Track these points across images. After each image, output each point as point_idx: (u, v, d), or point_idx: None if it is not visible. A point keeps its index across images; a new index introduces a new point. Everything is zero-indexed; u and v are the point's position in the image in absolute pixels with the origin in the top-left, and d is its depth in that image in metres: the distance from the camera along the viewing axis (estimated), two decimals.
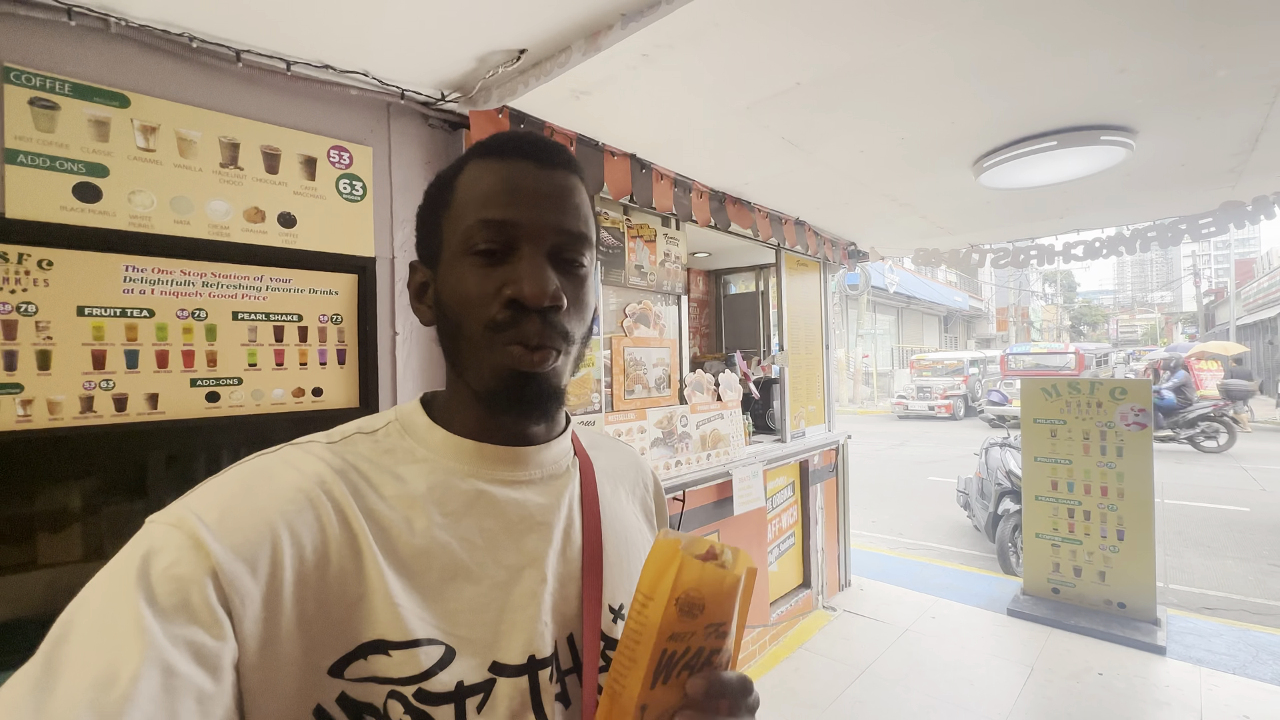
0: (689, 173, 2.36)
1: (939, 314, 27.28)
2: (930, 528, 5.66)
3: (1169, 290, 61.54)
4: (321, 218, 1.51)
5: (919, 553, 4.90)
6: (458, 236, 0.47)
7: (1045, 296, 44.64)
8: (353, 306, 1.57)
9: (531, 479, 0.51)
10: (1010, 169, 2.20)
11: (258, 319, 1.42)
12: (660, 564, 0.41)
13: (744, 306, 4.40)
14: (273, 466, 0.44)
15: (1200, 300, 32.24)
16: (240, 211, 1.38)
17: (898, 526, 5.72)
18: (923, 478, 7.89)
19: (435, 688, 0.41)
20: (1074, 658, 2.98)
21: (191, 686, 0.33)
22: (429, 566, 0.44)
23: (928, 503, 6.58)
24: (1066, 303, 54.21)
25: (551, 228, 0.47)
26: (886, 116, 1.87)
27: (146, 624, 0.33)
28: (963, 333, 30.62)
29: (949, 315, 28.21)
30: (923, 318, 25.99)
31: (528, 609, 0.46)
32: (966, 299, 28.34)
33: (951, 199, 2.80)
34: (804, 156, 2.18)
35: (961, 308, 27.75)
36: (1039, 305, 42.47)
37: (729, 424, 2.87)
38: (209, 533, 0.37)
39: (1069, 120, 1.93)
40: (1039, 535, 3.62)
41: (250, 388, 1.40)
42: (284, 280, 1.45)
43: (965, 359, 15.42)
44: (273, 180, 1.43)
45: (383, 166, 1.63)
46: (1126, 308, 66.03)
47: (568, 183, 0.49)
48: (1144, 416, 3.30)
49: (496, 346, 0.46)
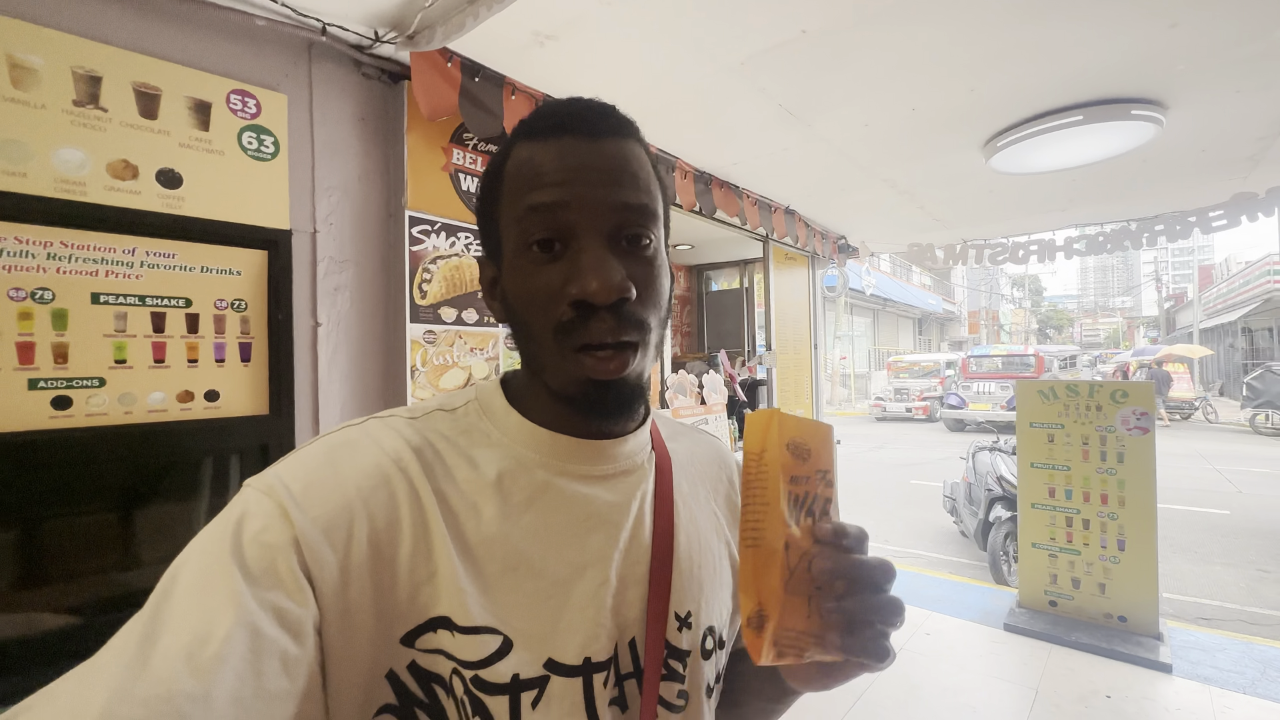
0: (672, 149, 2.10)
1: (914, 316, 27.56)
2: (916, 534, 5.50)
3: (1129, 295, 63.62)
4: (218, 178, 1.21)
5: (908, 561, 4.72)
6: (513, 229, 0.45)
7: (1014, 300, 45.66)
8: (261, 290, 1.27)
9: (604, 474, 0.49)
10: (1026, 149, 1.99)
11: (128, 303, 1.11)
12: (761, 426, 0.41)
13: (727, 304, 4.17)
14: (356, 440, 0.44)
15: (1161, 305, 33.27)
16: (102, 164, 1.08)
17: (883, 533, 5.54)
18: (905, 481, 7.76)
19: (491, 677, 0.41)
20: (1079, 678, 2.79)
21: (276, 648, 0.34)
22: (491, 556, 0.44)
23: (911, 507, 6.43)
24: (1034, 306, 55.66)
25: (609, 205, 0.43)
26: (899, 80, 1.63)
27: (238, 588, 0.35)
28: (936, 335, 31.02)
29: (923, 318, 28.54)
30: (898, 320, 26.20)
31: (586, 610, 0.45)
32: (940, 302, 28.70)
33: (954, 186, 2.59)
34: (802, 130, 1.94)
35: (935, 310, 28.08)
36: (1008, 309, 43.41)
37: (714, 429, 2.62)
38: (294, 503, 0.38)
39: (1099, 91, 1.72)
40: (1035, 545, 3.45)
41: (117, 391, 1.10)
42: (165, 255, 1.15)
43: (941, 361, 15.49)
44: (149, 127, 1.13)
45: (301, 120, 1.33)
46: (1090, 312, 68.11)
47: (623, 150, 0.45)
48: (1146, 420, 3.14)
49: (567, 354, 0.44)
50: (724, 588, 0.56)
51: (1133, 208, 2.99)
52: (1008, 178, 2.45)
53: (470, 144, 1.61)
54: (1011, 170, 2.23)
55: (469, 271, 1.58)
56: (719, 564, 0.55)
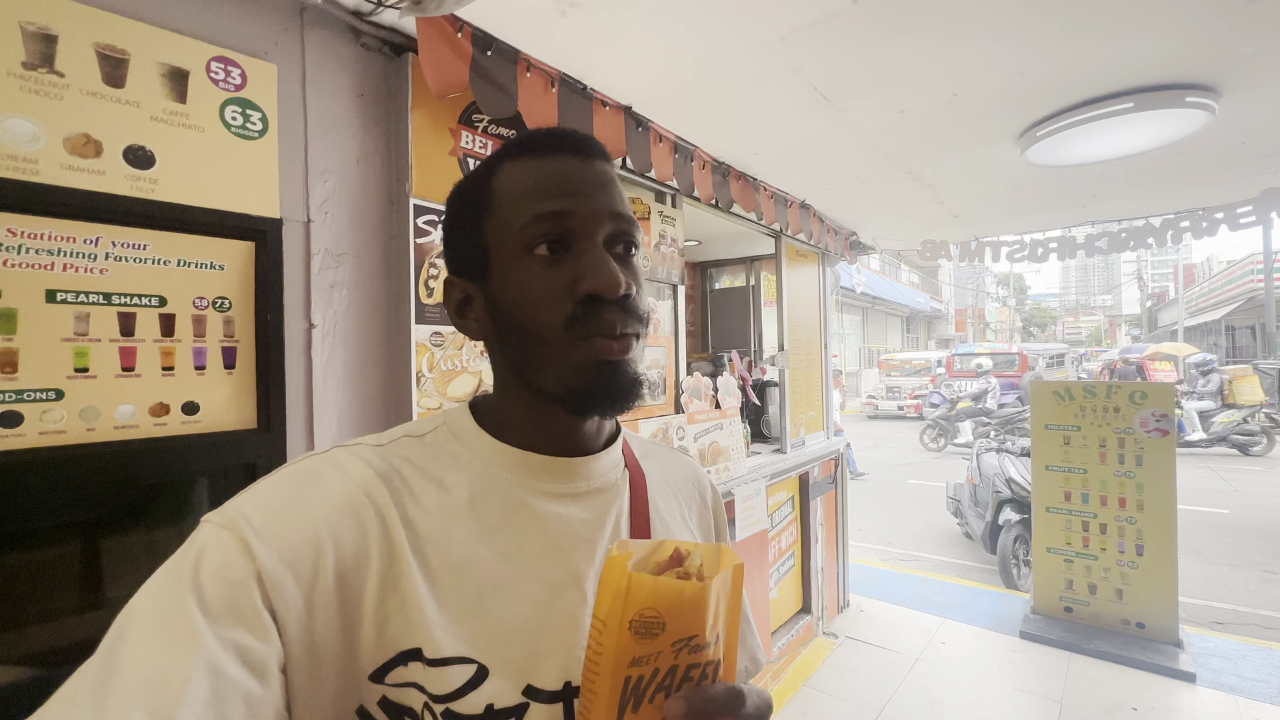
0: (691, 136, 1.97)
1: (902, 314, 27.65)
2: (919, 536, 5.43)
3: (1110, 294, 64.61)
4: (197, 158, 1.05)
5: (913, 564, 4.64)
6: (512, 238, 0.46)
7: (999, 299, 46.12)
8: (247, 287, 1.11)
9: (577, 492, 0.49)
10: (1068, 139, 1.88)
11: (92, 302, 0.95)
12: (611, 585, 0.36)
13: (732, 303, 4.04)
14: (320, 469, 0.43)
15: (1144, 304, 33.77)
16: (58, 138, 0.92)
17: (886, 535, 5.46)
18: (902, 481, 7.71)
19: (464, 709, 0.40)
20: (1102, 689, 2.71)
21: (240, 690, 0.33)
22: (466, 579, 0.43)
23: (912, 508, 6.37)
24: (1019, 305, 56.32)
25: (607, 214, 0.46)
26: (945, 62, 1.51)
27: (198, 627, 0.33)
28: (924, 333, 31.17)
29: (911, 316, 28.65)
30: (886, 318, 26.27)
31: (566, 632, 0.44)
32: (928, 300, 28.84)
33: (980, 180, 2.48)
34: (833, 117, 1.81)
35: (923, 309, 28.20)
36: (994, 307, 43.83)
37: (729, 435, 2.49)
38: (256, 536, 0.37)
39: (1154, 76, 1.61)
40: (1050, 550, 3.37)
41: (77, 404, 0.94)
42: (135, 246, 0.99)
43: (932, 359, 15.50)
44: (115, 97, 0.97)
45: (293, 94, 1.17)
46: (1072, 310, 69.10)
47: (608, 172, 0.49)
48: (1166, 422, 3.07)
49: (576, 343, 0.44)
50: None
51: (1155, 204, 2.90)
52: (1036, 172, 2.34)
53: (480, 126, 1.46)
54: (1045, 163, 2.12)
55: None
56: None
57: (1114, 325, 50.24)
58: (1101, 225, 3.07)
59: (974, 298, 38.13)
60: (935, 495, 6.71)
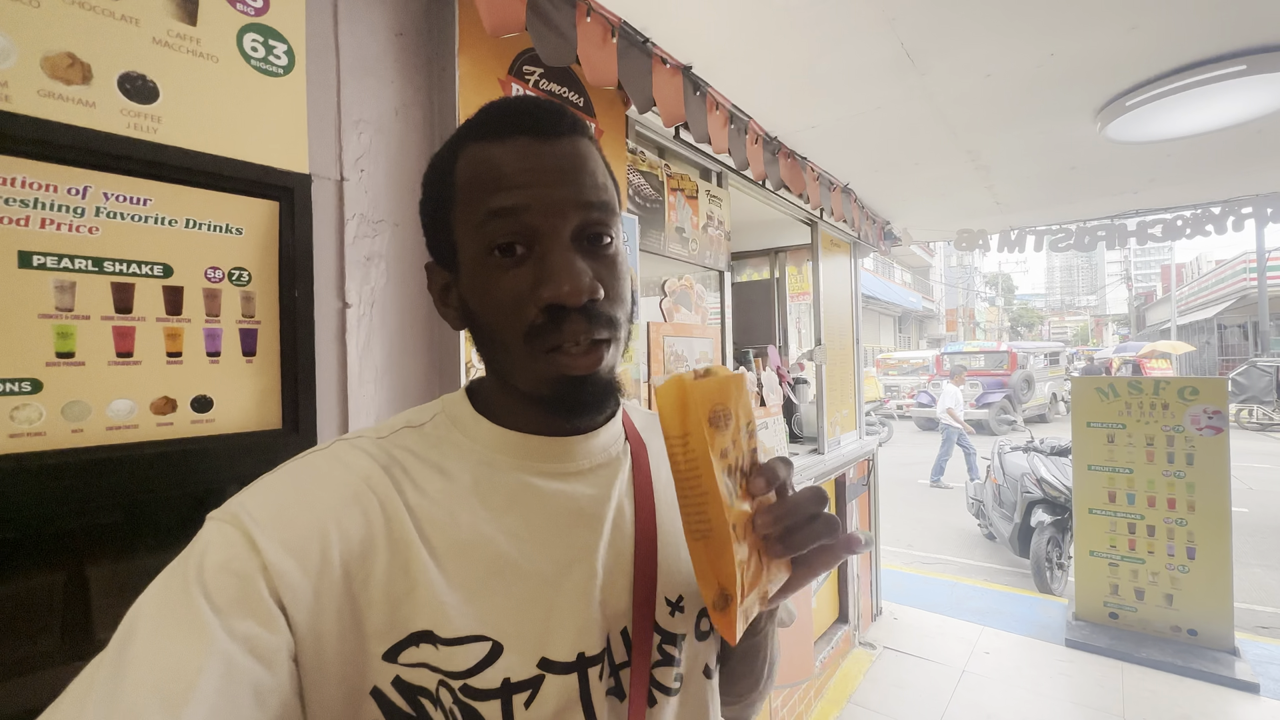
0: (747, 107, 1.78)
1: (894, 314, 27.68)
2: (940, 538, 5.28)
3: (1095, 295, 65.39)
4: (210, 94, 0.85)
5: (936, 567, 4.49)
6: (471, 234, 0.44)
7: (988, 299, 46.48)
8: (270, 257, 0.91)
9: (580, 469, 0.49)
10: (1160, 109, 1.72)
11: (78, 269, 0.75)
12: (676, 403, 0.40)
13: (755, 296, 3.85)
14: (321, 463, 0.43)
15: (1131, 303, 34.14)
16: (35, 57, 0.71)
17: (906, 537, 5.32)
18: (913, 481, 7.58)
19: (481, 684, 0.40)
20: (1162, 701, 2.56)
21: (250, 679, 0.33)
22: (475, 561, 0.43)
23: (929, 509, 6.22)
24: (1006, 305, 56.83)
25: (571, 204, 0.43)
26: (1051, 11, 1.34)
27: (206, 619, 0.34)
28: (915, 332, 31.24)
29: (903, 315, 28.69)
30: (879, 317, 26.27)
31: (576, 605, 0.45)
32: (920, 300, 28.90)
33: (1039, 161, 2.32)
34: (911, 81, 1.63)
35: (915, 308, 28.25)
36: (983, 306, 44.14)
37: (773, 434, 2.31)
38: (260, 530, 0.37)
39: (1270, 35, 1.45)
40: (1094, 553, 3.22)
41: (59, 399, 0.73)
42: (133, 200, 0.79)
43: (929, 358, 15.44)
44: (108, 10, 0.76)
45: (324, 27, 0.97)
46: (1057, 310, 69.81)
47: (577, 149, 0.45)
48: (1219, 419, 2.93)
49: (538, 356, 0.43)
50: None
51: (1208, 191, 2.76)
52: (1101, 152, 2.19)
53: (531, 80, 1.26)
54: (1124, 138, 1.97)
55: None
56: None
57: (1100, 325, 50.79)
58: (1154, 214, 2.93)
59: (964, 297, 38.35)
60: (952, 496, 6.58)
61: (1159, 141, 2.02)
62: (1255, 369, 11.11)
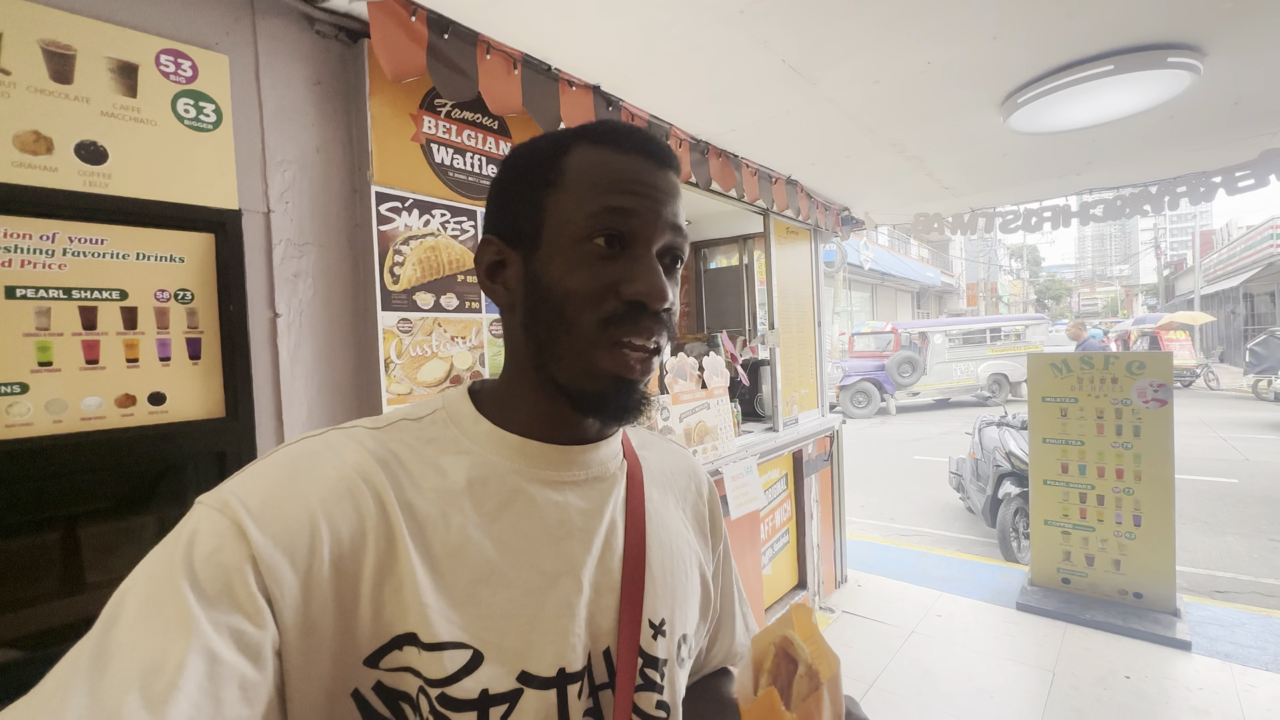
0: (666, 115, 1.95)
1: (912, 290, 27.31)
2: (922, 511, 5.43)
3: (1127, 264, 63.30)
4: (151, 152, 1.06)
5: (914, 539, 4.65)
6: (575, 220, 0.45)
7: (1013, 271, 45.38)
8: (209, 278, 1.13)
9: (575, 480, 0.49)
10: (1049, 105, 1.83)
11: (52, 297, 0.97)
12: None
13: (726, 282, 4.02)
14: (317, 451, 0.42)
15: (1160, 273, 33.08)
16: (8, 136, 0.93)
17: (888, 510, 5.48)
18: (908, 457, 7.70)
19: (458, 693, 0.40)
20: (1096, 658, 2.72)
21: (235, 674, 0.33)
22: (462, 566, 0.43)
23: (916, 483, 6.37)
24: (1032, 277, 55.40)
25: (667, 225, 0.47)
26: (916, 27, 1.48)
27: (192, 611, 0.33)
28: (935, 308, 30.79)
29: (921, 291, 28.29)
30: (896, 294, 25.96)
31: (561, 620, 0.45)
32: (938, 274, 28.44)
33: (966, 149, 2.44)
34: (806, 90, 1.78)
35: (934, 283, 27.83)
36: (1006, 280, 43.13)
37: (716, 414, 2.50)
38: (250, 520, 0.37)
39: (1133, 37, 1.56)
40: (1048, 522, 3.36)
41: (43, 397, 0.96)
42: (92, 241, 1.01)
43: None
44: (64, 93, 0.98)
45: (247, 84, 1.18)
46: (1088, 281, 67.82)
47: (674, 182, 0.49)
48: (1164, 392, 3.03)
49: (603, 344, 0.45)
50: (693, 596, 0.56)
51: (1152, 169, 2.83)
52: (1023, 140, 2.29)
53: (443, 111, 1.45)
54: (1029, 130, 2.08)
55: (446, 253, 1.44)
56: (689, 573, 0.56)
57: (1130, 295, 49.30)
58: (1098, 193, 3.01)
59: (986, 271, 37.57)
60: (939, 470, 6.70)
61: (1071, 130, 2.13)
62: (1274, 339, 10.86)
